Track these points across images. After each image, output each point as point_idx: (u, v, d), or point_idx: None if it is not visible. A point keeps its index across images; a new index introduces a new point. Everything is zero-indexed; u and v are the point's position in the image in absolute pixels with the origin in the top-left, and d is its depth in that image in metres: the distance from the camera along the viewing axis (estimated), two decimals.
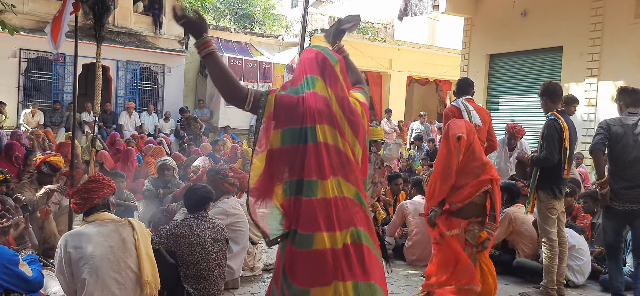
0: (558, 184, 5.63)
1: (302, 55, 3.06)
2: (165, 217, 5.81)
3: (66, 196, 3.87)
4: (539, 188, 5.68)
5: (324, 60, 2.93)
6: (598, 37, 11.41)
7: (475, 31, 14.42)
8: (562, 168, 5.57)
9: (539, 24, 12.57)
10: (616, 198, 5.33)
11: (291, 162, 2.77)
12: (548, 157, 5.53)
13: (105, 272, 3.58)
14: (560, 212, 5.77)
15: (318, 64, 2.91)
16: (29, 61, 16.31)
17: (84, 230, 3.69)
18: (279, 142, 2.78)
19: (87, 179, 3.94)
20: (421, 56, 21.27)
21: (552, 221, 5.65)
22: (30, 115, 15.16)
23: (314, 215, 2.71)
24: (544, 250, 5.69)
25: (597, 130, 5.50)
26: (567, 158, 5.56)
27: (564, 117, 5.68)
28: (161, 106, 18.58)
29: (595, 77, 11.48)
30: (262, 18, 26.82)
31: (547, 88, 5.81)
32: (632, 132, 5.29)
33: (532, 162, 5.77)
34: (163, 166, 7.27)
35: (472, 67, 14.23)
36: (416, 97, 24.74)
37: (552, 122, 5.60)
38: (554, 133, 5.53)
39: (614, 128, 5.35)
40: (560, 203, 5.73)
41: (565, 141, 5.53)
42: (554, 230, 5.66)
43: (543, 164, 5.60)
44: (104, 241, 3.65)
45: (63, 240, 3.63)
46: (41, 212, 5.80)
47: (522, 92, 13.01)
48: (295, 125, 2.76)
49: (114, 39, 17.07)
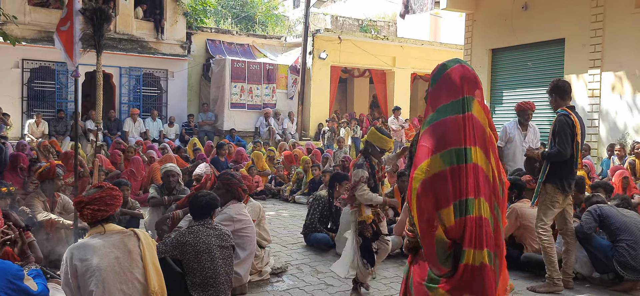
0: (568, 178, 5.65)
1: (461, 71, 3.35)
2: (169, 225, 5.80)
3: (74, 205, 3.83)
4: (548, 182, 5.68)
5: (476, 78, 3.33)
6: (600, 28, 11.36)
7: (477, 26, 14.39)
8: (574, 162, 5.60)
9: (541, 16, 12.53)
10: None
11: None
12: (561, 152, 5.54)
13: (112, 284, 3.56)
14: (566, 204, 5.78)
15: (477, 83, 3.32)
16: (32, 71, 16.39)
17: (89, 242, 3.66)
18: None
19: (104, 188, 3.88)
20: (424, 53, 21.23)
21: (552, 213, 5.69)
22: (35, 125, 15.22)
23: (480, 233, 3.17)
24: (540, 241, 5.71)
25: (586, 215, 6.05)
26: (580, 152, 5.60)
27: (574, 112, 5.69)
28: (165, 111, 18.62)
29: (598, 68, 11.43)
30: (264, 19, 26.81)
31: (556, 85, 5.82)
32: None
33: (543, 157, 5.76)
34: (168, 173, 7.25)
35: (475, 62, 14.19)
36: (421, 94, 24.70)
37: (564, 117, 5.61)
38: (566, 128, 5.55)
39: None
40: (567, 198, 5.72)
41: (578, 136, 5.55)
42: (550, 223, 5.72)
43: (555, 159, 5.60)
44: (110, 252, 3.63)
45: (69, 253, 3.62)
46: (47, 224, 5.81)
47: (526, 86, 12.97)
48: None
49: (116, 46, 17.12)
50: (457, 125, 3.16)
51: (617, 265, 5.80)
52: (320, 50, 19.49)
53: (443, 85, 3.27)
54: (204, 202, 4.87)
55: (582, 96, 11.69)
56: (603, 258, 5.98)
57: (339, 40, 19.73)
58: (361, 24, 24.89)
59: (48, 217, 5.96)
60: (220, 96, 18.63)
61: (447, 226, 3.13)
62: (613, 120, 11.28)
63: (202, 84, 19.89)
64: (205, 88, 19.75)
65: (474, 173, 3.14)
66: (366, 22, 25.08)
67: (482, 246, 3.14)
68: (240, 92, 18.54)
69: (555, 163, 5.62)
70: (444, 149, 3.14)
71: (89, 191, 3.83)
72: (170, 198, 6.88)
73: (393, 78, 21.46)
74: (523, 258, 6.48)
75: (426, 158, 3.16)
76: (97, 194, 3.77)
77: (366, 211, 5.20)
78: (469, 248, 3.12)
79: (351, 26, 24.33)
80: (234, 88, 18.43)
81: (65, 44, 5.98)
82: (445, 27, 24.03)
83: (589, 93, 11.54)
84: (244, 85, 18.60)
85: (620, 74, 11.09)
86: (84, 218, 3.83)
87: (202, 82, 19.87)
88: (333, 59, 19.82)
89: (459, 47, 18.48)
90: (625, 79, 11.04)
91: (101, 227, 3.74)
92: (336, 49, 19.71)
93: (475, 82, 3.29)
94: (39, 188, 6.51)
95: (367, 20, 25.48)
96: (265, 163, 13.41)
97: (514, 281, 6.11)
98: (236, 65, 18.45)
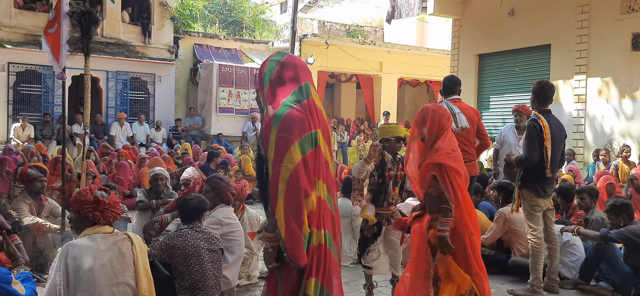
0: (541, 183, 5.67)
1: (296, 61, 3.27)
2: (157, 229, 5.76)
3: (71, 205, 3.77)
4: (523, 187, 5.74)
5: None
6: (585, 34, 11.50)
7: (464, 32, 14.50)
8: (544, 167, 5.61)
9: (527, 22, 12.66)
10: None
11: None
12: (528, 158, 5.59)
13: (102, 286, 3.55)
14: (546, 208, 5.80)
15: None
16: (18, 74, 16.24)
17: (85, 243, 3.63)
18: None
19: (112, 194, 3.86)
20: (411, 58, 21.34)
21: (537, 218, 5.70)
22: (21, 128, 15.09)
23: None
24: (531, 247, 5.72)
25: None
26: (550, 158, 5.59)
27: (547, 116, 5.70)
28: (152, 116, 18.52)
29: (583, 74, 11.57)
30: (252, 24, 26.79)
31: (538, 87, 5.82)
32: None
33: (516, 163, 5.81)
34: (156, 176, 7.19)
35: (462, 67, 14.29)
36: (408, 99, 24.82)
37: (532, 122, 5.67)
38: (533, 133, 5.58)
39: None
40: (546, 200, 5.77)
41: (546, 141, 5.55)
42: (539, 227, 5.71)
43: (525, 165, 5.65)
44: (103, 255, 3.62)
45: (65, 249, 3.58)
46: (34, 228, 5.76)
47: (513, 91, 13.09)
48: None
49: (103, 50, 17.03)
50: (304, 110, 3.11)
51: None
52: (308, 55, 19.50)
53: (284, 76, 3.21)
54: (193, 205, 4.84)
55: (568, 101, 11.81)
56: (618, 281, 5.79)
57: (326, 45, 19.76)
58: (348, 29, 24.96)
59: (34, 221, 5.91)
60: (207, 100, 18.57)
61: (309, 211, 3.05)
62: (600, 124, 11.41)
63: (190, 88, 19.83)
64: (192, 93, 19.68)
65: (320, 155, 3.13)
66: (353, 27, 25.15)
67: (321, 226, 3.10)
68: (228, 97, 18.50)
69: (528, 168, 5.67)
70: (301, 137, 3.05)
71: (102, 194, 3.77)
72: (158, 201, 6.83)
73: (380, 83, 21.51)
74: (511, 262, 6.53)
75: (287, 150, 3.00)
76: (115, 199, 3.79)
77: (369, 211, 5.09)
78: (313, 229, 3.06)
79: (338, 31, 24.40)
80: (222, 93, 18.38)
81: (52, 47, 5.95)
82: (432, 32, 24.15)
83: (575, 98, 11.66)
84: (232, 89, 18.56)
85: (606, 79, 11.22)
86: (82, 219, 3.72)
87: (190, 86, 19.81)
88: (320, 64, 19.84)
89: (445, 52, 18.60)
90: (610, 85, 11.17)
91: (98, 228, 3.71)
92: (323, 54, 19.74)
93: (306, 67, 3.32)
94: (25, 192, 6.48)
95: (354, 25, 25.56)
96: (252, 167, 13.39)
97: (501, 285, 6.16)
98: (224, 69, 18.41)
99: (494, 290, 5.94)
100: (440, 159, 3.99)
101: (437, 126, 4.12)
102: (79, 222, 3.69)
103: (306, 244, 3.02)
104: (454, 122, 5.96)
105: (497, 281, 6.22)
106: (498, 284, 6.15)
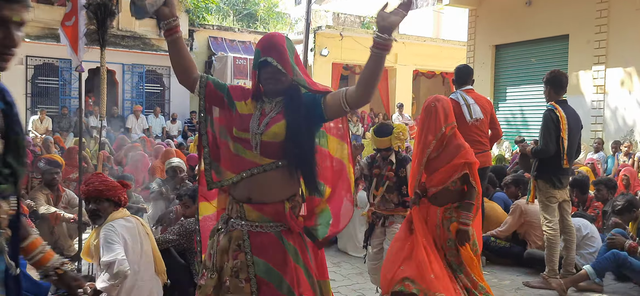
0: (557, 174, 5.58)
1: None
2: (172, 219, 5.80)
3: (82, 192, 4.01)
4: (538, 178, 5.66)
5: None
6: (604, 23, 11.34)
7: (480, 22, 14.37)
8: (561, 158, 5.54)
9: (544, 12, 12.50)
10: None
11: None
12: (544, 148, 5.52)
13: (141, 263, 3.88)
14: (562, 200, 5.72)
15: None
16: (36, 68, 16.41)
17: (125, 223, 3.88)
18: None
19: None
20: (427, 49, 21.19)
21: (552, 209, 5.61)
22: (39, 121, 15.25)
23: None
24: (546, 238, 5.66)
25: None
26: (566, 148, 5.52)
27: (564, 106, 5.62)
28: (168, 108, 18.63)
29: (602, 64, 11.41)
30: (266, 16, 26.80)
31: (552, 77, 5.70)
32: None
33: (532, 154, 5.75)
34: (175, 168, 7.21)
35: (478, 58, 14.17)
36: (423, 91, 24.67)
37: (548, 112, 5.57)
38: (550, 124, 5.50)
39: None
40: (562, 191, 5.69)
41: (563, 131, 5.47)
42: (555, 219, 5.62)
43: (541, 155, 5.58)
44: (137, 235, 3.93)
45: (111, 227, 3.76)
46: (51, 217, 5.85)
47: (529, 82, 12.95)
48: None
49: (118, 43, 17.14)
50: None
51: None
52: (322, 47, 19.47)
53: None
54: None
55: (587, 92, 11.68)
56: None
57: (341, 37, 19.70)
58: (363, 20, 24.85)
59: (49, 211, 6.01)
60: None
61: None
62: (621, 116, 11.25)
63: None
64: None
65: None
66: (368, 19, 25.04)
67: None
68: None
69: (543, 159, 5.60)
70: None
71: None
72: (172, 191, 6.87)
73: (395, 75, 21.40)
74: (526, 254, 6.47)
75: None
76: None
77: (366, 208, 5.11)
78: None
79: (353, 23, 24.28)
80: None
81: (70, 39, 5.98)
82: (447, 23, 23.95)
83: (594, 89, 11.53)
84: (246, 81, 18.60)
85: (627, 70, 11.06)
86: (111, 204, 3.90)
87: None
88: (334, 56, 19.79)
89: (461, 43, 18.44)
90: (631, 75, 11.02)
91: (123, 211, 3.97)
92: (338, 46, 19.67)
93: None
94: (42, 183, 6.58)
95: (369, 16, 25.44)
96: None
97: (517, 277, 6.12)
98: (238, 62, 18.46)
99: (509, 282, 5.94)
100: (473, 158, 4.15)
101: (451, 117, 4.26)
102: (105, 209, 3.86)
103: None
104: (468, 113, 5.92)
105: (512, 274, 6.19)
106: (513, 276, 6.11)
